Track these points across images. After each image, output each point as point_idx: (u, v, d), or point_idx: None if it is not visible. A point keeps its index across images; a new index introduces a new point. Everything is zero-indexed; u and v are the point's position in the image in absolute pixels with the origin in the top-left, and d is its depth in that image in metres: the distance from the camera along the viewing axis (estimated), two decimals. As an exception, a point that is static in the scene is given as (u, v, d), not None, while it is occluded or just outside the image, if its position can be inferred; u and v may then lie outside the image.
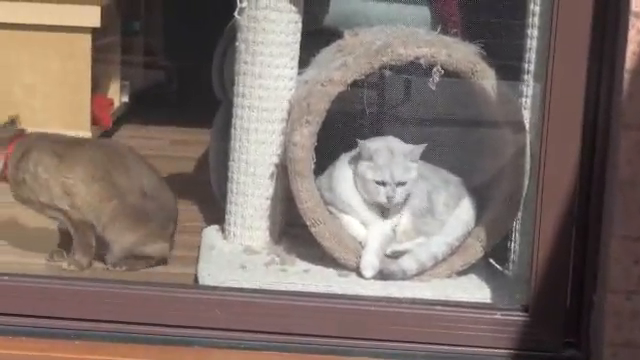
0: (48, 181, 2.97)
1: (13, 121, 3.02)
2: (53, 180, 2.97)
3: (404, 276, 2.80)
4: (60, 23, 3.98)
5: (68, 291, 2.63)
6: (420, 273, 2.82)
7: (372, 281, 2.79)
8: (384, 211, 2.84)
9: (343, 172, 2.86)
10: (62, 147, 3.01)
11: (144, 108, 4.84)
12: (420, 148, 2.81)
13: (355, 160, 2.84)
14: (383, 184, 2.79)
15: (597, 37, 2.49)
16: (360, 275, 2.81)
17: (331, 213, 2.85)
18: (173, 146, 4.48)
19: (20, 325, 2.57)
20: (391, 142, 2.84)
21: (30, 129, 3.10)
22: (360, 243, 2.85)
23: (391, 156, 2.80)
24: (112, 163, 3.02)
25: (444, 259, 2.84)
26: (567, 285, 2.55)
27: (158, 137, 4.56)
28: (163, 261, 3.03)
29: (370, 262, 2.81)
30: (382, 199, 2.80)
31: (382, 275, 2.80)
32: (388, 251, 2.83)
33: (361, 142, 2.80)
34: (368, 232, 2.85)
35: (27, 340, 2.55)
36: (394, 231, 2.86)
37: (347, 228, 2.85)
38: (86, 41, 4.02)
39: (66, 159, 2.98)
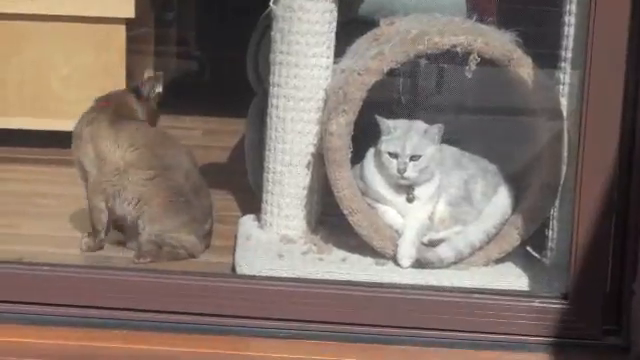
0: (87, 142, 3.00)
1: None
2: (90, 142, 3.00)
3: (441, 264, 2.81)
4: (95, 14, 3.98)
5: (107, 281, 2.65)
6: (457, 261, 2.82)
7: (410, 269, 2.79)
8: (408, 194, 2.83)
9: (374, 161, 2.87)
10: (120, 118, 3.05)
11: (177, 98, 4.84)
12: (435, 128, 2.81)
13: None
14: (395, 156, 2.79)
15: (636, 23, 2.48)
16: (397, 264, 2.81)
17: (369, 205, 2.85)
18: (206, 136, 4.49)
19: (61, 315, 2.59)
20: (412, 122, 2.85)
21: (65, 120, 3.12)
22: (397, 232, 2.85)
23: (407, 131, 2.80)
24: (161, 139, 3.05)
25: (481, 247, 2.84)
26: (607, 273, 2.55)
27: (191, 127, 4.57)
28: (191, 256, 3.02)
29: (407, 252, 2.81)
30: (393, 171, 2.80)
31: (419, 263, 2.80)
32: (425, 239, 2.83)
33: (379, 118, 2.81)
34: (405, 221, 2.85)
35: (68, 330, 2.57)
36: (430, 220, 2.86)
37: (383, 217, 2.85)
38: (120, 32, 4.02)
39: (112, 126, 3.01)
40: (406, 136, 2.80)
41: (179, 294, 2.62)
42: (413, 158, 2.80)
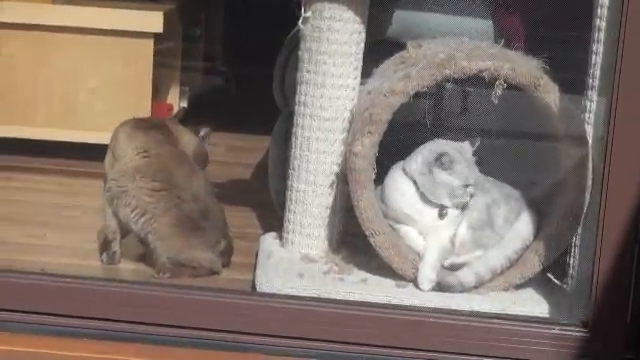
0: (112, 139, 3.04)
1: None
2: (110, 144, 3.03)
3: (462, 289, 2.81)
4: (123, 28, 4.01)
5: (127, 294, 2.66)
6: (478, 286, 2.82)
7: (430, 293, 2.79)
8: (441, 209, 2.83)
9: (397, 183, 2.86)
10: (149, 126, 3.07)
11: (202, 114, 4.87)
12: (468, 144, 2.83)
13: (421, 170, 2.82)
14: (467, 186, 2.81)
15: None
16: (418, 287, 2.81)
17: (392, 228, 2.86)
18: (230, 152, 4.51)
19: (81, 327, 2.60)
20: (451, 145, 2.84)
21: (92, 132, 3.15)
22: (418, 254, 2.84)
23: (464, 158, 2.81)
24: (175, 156, 3.05)
25: (502, 272, 2.83)
26: (628, 302, 2.54)
27: (215, 143, 4.56)
28: (212, 273, 3.01)
29: (428, 275, 2.81)
30: (466, 199, 2.81)
31: (440, 287, 2.80)
32: (446, 263, 2.83)
33: (430, 151, 2.80)
34: (426, 244, 2.84)
35: (87, 342, 2.58)
36: (452, 243, 2.86)
37: (405, 239, 2.86)
38: (148, 46, 4.04)
39: (134, 130, 3.04)
40: (469, 165, 2.81)
41: (198, 310, 2.63)
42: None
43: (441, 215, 2.83)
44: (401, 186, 2.86)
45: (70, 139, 3.93)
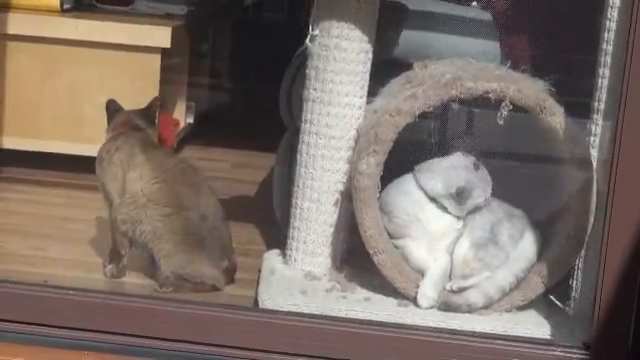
0: (116, 167, 3.03)
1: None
2: (120, 167, 3.03)
3: (470, 309, 2.80)
4: (131, 42, 4.02)
5: (129, 308, 2.66)
6: (487, 307, 2.81)
7: (432, 312, 2.79)
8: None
9: (401, 186, 2.87)
10: (147, 146, 3.07)
11: (208, 130, 4.89)
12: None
13: (443, 195, 2.86)
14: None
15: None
16: (417, 305, 2.81)
17: (396, 247, 2.86)
18: (235, 169, 4.52)
19: (83, 339, 2.60)
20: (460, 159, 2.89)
21: (98, 146, 3.15)
22: (420, 272, 2.84)
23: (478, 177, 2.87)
24: (183, 176, 3.05)
25: (511, 290, 2.83)
26: (630, 325, 2.54)
27: (220, 159, 4.60)
28: (214, 289, 3.01)
29: (427, 292, 2.81)
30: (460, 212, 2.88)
31: (447, 307, 2.80)
32: (455, 287, 2.83)
33: (449, 184, 2.84)
34: (428, 260, 2.84)
35: (89, 355, 2.58)
36: (454, 259, 2.85)
37: (407, 255, 2.85)
38: (155, 61, 4.05)
39: (141, 154, 3.04)
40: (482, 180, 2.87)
41: (200, 325, 2.63)
42: None
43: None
44: (407, 189, 2.86)
45: (76, 152, 3.93)
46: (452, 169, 2.87)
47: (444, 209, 2.85)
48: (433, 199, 2.85)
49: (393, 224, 2.86)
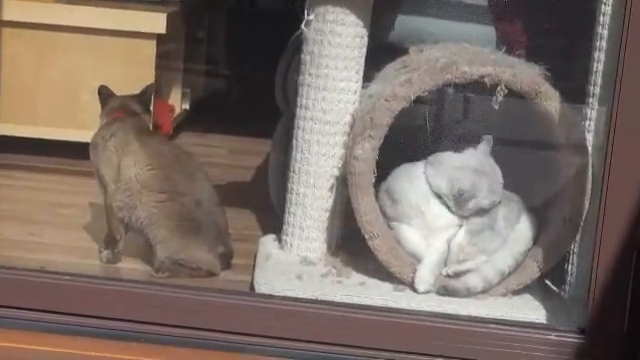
0: (111, 153, 3.03)
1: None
2: (114, 154, 3.03)
3: (469, 293, 2.80)
4: (126, 28, 4.02)
5: (126, 293, 2.66)
6: (486, 290, 2.82)
7: (427, 296, 2.79)
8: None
9: (410, 173, 2.86)
10: (141, 132, 3.08)
11: (204, 116, 4.88)
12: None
13: (446, 194, 2.84)
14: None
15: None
16: (414, 289, 2.82)
17: (391, 229, 2.86)
18: (231, 155, 4.52)
19: (79, 325, 2.60)
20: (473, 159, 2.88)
21: (93, 132, 3.15)
22: (416, 257, 2.84)
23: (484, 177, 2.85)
24: (177, 162, 3.05)
25: (510, 274, 2.83)
26: (625, 309, 2.54)
27: (216, 145, 4.60)
28: (210, 274, 3.01)
29: (423, 277, 2.81)
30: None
31: (446, 292, 2.79)
32: (450, 272, 2.83)
33: (452, 187, 2.82)
34: (425, 245, 2.84)
35: (85, 340, 2.58)
36: (450, 245, 2.85)
37: (403, 240, 2.85)
38: (151, 47, 4.05)
39: (135, 141, 3.04)
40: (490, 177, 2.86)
41: (196, 310, 2.63)
42: None
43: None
44: (415, 179, 2.85)
45: (72, 138, 3.93)
46: (460, 169, 2.84)
47: (448, 207, 2.84)
48: (438, 195, 2.84)
49: (395, 210, 2.86)
